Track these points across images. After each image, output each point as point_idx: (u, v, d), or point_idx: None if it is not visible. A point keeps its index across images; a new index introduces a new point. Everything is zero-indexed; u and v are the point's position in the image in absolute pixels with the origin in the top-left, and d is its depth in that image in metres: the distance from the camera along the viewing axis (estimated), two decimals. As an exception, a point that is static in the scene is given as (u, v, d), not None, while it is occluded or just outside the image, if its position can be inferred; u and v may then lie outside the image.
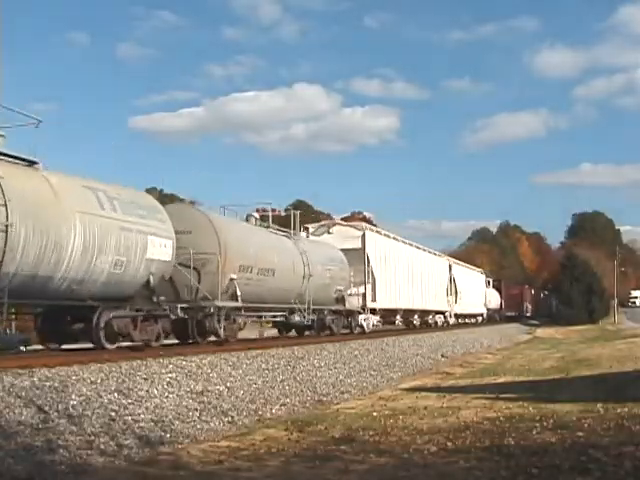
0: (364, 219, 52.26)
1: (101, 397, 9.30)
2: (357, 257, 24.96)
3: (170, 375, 11.22)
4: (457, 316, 42.09)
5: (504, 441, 7.87)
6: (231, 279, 15.91)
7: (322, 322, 21.63)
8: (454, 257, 51.72)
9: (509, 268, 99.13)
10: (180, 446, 8.45)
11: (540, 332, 49.84)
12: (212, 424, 9.82)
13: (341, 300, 22.98)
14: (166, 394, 10.32)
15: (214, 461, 7.45)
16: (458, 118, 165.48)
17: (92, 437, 7.95)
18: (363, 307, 24.90)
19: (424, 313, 34.54)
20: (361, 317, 24.64)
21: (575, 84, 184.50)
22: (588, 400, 10.77)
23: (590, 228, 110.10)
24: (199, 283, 15.41)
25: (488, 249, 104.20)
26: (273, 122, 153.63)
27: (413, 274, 32.12)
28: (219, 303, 15.49)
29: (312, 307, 20.15)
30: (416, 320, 33.28)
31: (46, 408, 8.34)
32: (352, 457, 7.42)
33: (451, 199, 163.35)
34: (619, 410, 9.65)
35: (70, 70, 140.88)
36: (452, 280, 40.90)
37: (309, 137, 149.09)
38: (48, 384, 9.10)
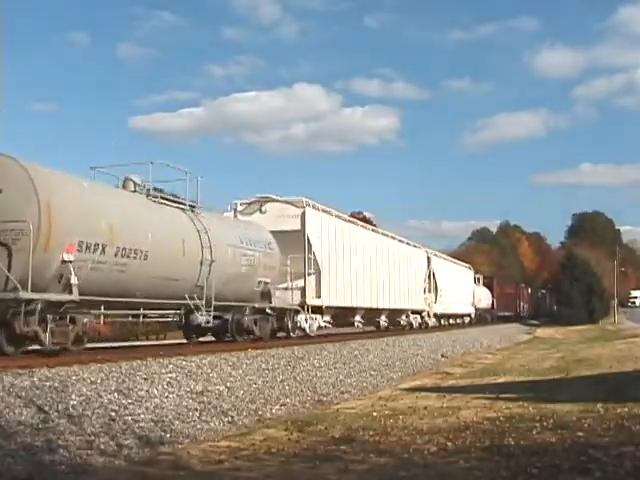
0: (364, 219, 51.54)
1: (101, 397, 9.31)
2: (296, 241, 19.79)
3: (170, 375, 11.23)
4: (438, 316, 36.89)
5: (504, 441, 7.87)
6: (63, 261, 11.41)
7: (239, 323, 16.88)
8: (454, 257, 50.69)
9: (509, 268, 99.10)
10: (180, 446, 8.46)
11: (540, 332, 49.84)
12: (212, 424, 9.83)
13: (267, 295, 18.09)
14: (166, 394, 10.32)
15: (214, 461, 7.45)
16: (458, 118, 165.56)
17: (92, 437, 7.95)
18: (302, 305, 19.89)
19: (394, 313, 29.23)
20: (300, 317, 19.83)
21: (575, 84, 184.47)
22: (588, 400, 10.77)
23: (590, 228, 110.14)
24: (9, 266, 11.01)
25: (488, 249, 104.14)
26: (273, 122, 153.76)
27: (378, 266, 26.63)
28: (26, 295, 10.75)
29: (216, 303, 15.40)
30: (383, 321, 28.18)
31: (46, 408, 8.34)
32: (352, 457, 7.41)
33: (451, 199, 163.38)
34: (619, 410, 9.65)
35: (70, 70, 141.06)
36: (431, 275, 35.50)
37: (309, 137, 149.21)
38: (48, 384, 9.10)
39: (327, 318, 21.65)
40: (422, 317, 33.58)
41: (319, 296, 20.64)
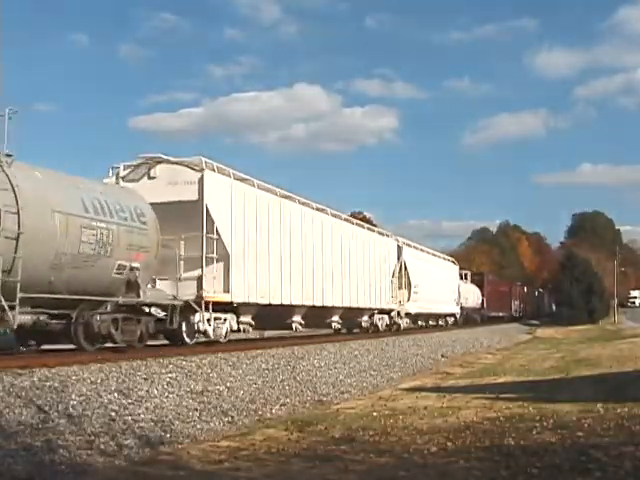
0: (364, 219, 50.97)
1: (101, 397, 9.31)
2: (193, 216, 14.97)
3: (170, 375, 11.23)
4: (413, 317, 31.83)
5: (504, 441, 7.87)
6: None
7: (88, 326, 12.18)
8: (454, 257, 49.42)
9: (509, 268, 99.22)
10: (180, 446, 8.46)
11: (540, 332, 49.80)
12: (212, 424, 9.83)
13: (134, 286, 13.22)
14: (166, 394, 10.32)
15: (214, 461, 7.45)
16: (458, 118, 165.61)
17: (92, 437, 7.95)
18: (198, 300, 14.93)
19: (352, 312, 24.06)
20: (197, 317, 14.92)
21: (575, 84, 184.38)
22: (588, 400, 10.78)
23: (590, 228, 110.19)
24: None
25: (488, 249, 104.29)
26: (273, 122, 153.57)
27: (326, 255, 21.42)
28: None
29: (33, 296, 10.95)
30: (337, 323, 23.39)
31: (46, 408, 8.35)
32: (352, 457, 7.42)
33: (451, 199, 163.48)
34: (619, 410, 9.65)
35: (70, 70, 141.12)
36: (403, 268, 30.17)
37: (309, 137, 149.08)
38: (48, 384, 9.11)
39: (246, 319, 16.83)
40: (391, 318, 28.58)
41: (227, 290, 15.64)
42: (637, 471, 6.14)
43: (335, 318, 23.17)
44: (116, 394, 9.60)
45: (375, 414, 10.68)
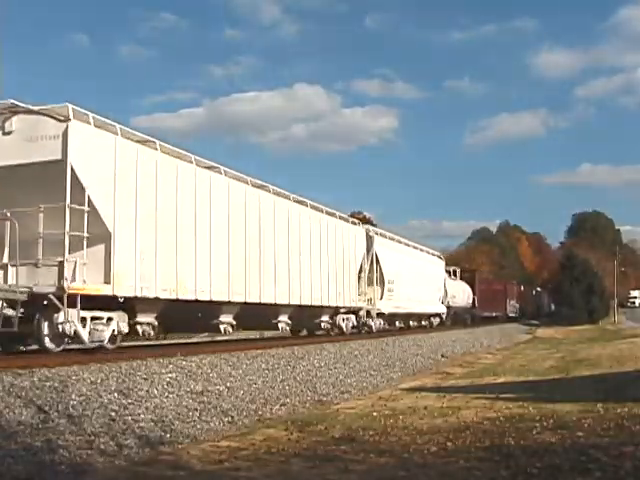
0: (364, 219, 50.20)
1: (101, 397, 9.31)
2: (54, 180, 11.63)
3: (170, 375, 11.24)
4: (387, 317, 27.84)
5: (504, 441, 7.86)
6: None
7: None
8: (454, 257, 48.64)
9: (509, 268, 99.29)
10: (180, 446, 8.45)
11: (540, 332, 49.80)
12: (212, 424, 9.82)
13: None
14: (166, 394, 10.32)
15: (214, 461, 7.44)
16: (458, 118, 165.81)
17: (92, 437, 7.95)
18: (59, 294, 11.35)
19: (307, 312, 20.68)
20: (61, 317, 11.40)
21: (575, 84, 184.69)
22: (588, 400, 10.77)
23: (590, 228, 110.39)
24: None
25: (488, 249, 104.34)
26: (273, 122, 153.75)
27: (265, 240, 17.67)
28: None
29: None
30: (285, 324, 19.86)
31: (46, 408, 8.35)
32: (352, 457, 7.41)
33: (451, 199, 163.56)
34: (619, 410, 9.64)
35: (70, 70, 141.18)
36: (374, 261, 26.41)
37: (309, 137, 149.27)
38: (48, 384, 9.11)
39: (145, 319, 13.66)
40: (359, 318, 25.11)
41: (108, 280, 12.20)
42: (637, 471, 6.13)
43: (283, 318, 19.66)
44: (116, 394, 9.60)
45: (375, 414, 10.66)
